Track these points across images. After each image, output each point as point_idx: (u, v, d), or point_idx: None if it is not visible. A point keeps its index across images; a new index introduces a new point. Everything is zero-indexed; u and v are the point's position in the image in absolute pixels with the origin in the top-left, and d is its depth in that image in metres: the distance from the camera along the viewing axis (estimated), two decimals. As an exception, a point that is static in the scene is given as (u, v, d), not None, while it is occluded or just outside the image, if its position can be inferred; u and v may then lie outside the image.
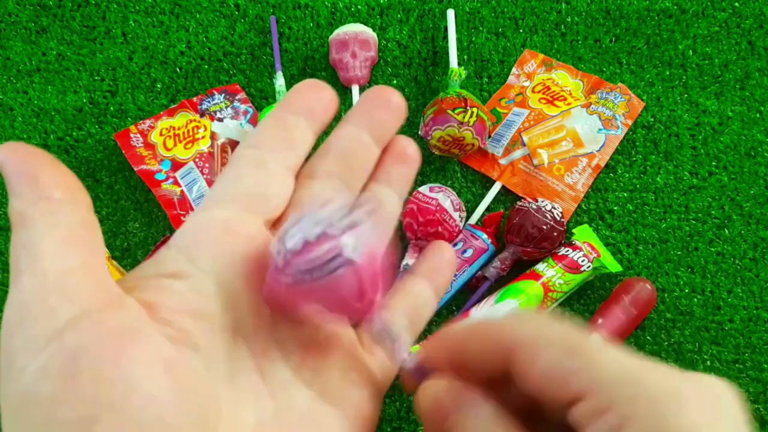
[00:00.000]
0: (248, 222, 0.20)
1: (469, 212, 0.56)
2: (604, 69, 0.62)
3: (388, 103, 0.23)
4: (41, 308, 0.15)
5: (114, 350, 0.15)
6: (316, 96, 0.22)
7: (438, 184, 0.55)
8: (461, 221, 0.54)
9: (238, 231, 0.20)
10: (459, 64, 0.60)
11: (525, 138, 0.58)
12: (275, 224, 0.21)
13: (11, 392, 0.15)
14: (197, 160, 0.57)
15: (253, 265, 0.19)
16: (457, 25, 0.62)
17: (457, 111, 0.54)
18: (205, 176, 0.57)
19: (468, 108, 0.54)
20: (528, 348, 0.18)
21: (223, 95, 0.61)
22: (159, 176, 0.56)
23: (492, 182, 0.58)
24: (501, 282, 0.53)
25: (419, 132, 0.56)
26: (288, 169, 0.22)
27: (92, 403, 0.14)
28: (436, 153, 0.57)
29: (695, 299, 0.55)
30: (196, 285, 0.18)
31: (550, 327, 0.18)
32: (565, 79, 0.61)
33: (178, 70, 0.63)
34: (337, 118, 0.23)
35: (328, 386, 0.20)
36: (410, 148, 0.25)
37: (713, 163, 0.59)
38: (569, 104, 0.59)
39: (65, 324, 0.15)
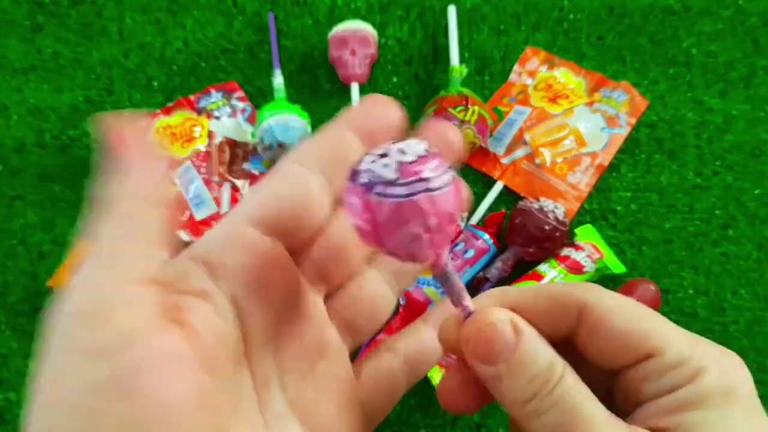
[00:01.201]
0: (275, 247, 0.20)
1: (471, 212, 0.56)
2: (608, 67, 0.61)
3: (386, 116, 0.21)
4: (99, 318, 0.15)
5: (159, 377, 0.15)
6: (381, 115, 0.21)
7: (439, 184, 0.54)
8: (462, 221, 0.53)
9: (264, 255, 0.19)
10: (460, 62, 0.59)
11: (527, 137, 0.57)
12: (302, 248, 0.21)
13: (49, 398, 0.15)
14: (194, 159, 0.57)
15: (271, 289, 0.19)
16: (458, 22, 0.62)
17: (458, 109, 0.53)
18: (202, 176, 0.56)
19: (469, 106, 0.53)
20: (600, 312, 0.19)
21: (220, 93, 0.60)
22: (155, 176, 0.56)
23: (493, 182, 0.57)
24: (503, 283, 0.52)
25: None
26: (327, 192, 0.20)
27: (129, 425, 0.15)
28: (436, 152, 0.56)
29: (699, 300, 0.54)
30: (221, 308, 0.18)
31: (616, 294, 0.19)
32: (567, 77, 0.60)
33: (174, 67, 0.62)
34: (336, 117, 0.22)
35: (320, 425, 0.20)
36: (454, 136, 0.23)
37: (718, 163, 0.58)
38: (572, 102, 0.59)
39: (120, 341, 0.15)
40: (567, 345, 0.19)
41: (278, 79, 0.58)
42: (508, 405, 0.19)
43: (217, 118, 0.59)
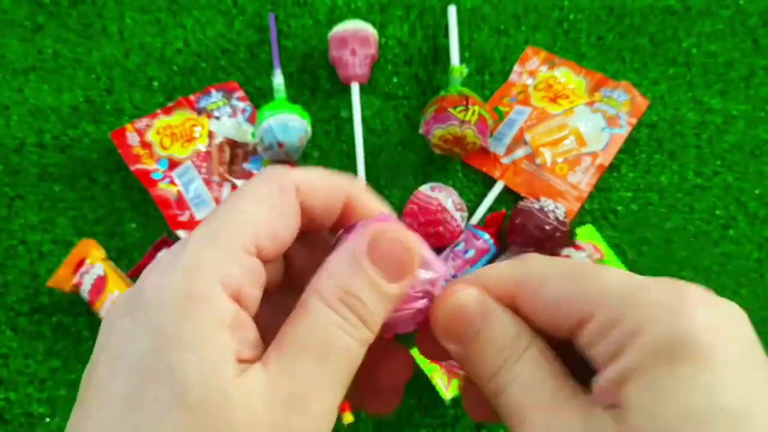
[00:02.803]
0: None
1: (471, 212, 0.56)
2: (608, 67, 0.61)
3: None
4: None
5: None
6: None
7: (439, 184, 0.54)
8: (463, 221, 0.53)
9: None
10: (460, 62, 0.59)
11: (527, 137, 0.57)
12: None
13: None
14: (194, 159, 0.57)
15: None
16: (458, 22, 0.61)
17: (458, 109, 0.53)
18: (202, 176, 0.56)
19: (469, 106, 0.53)
20: (532, 281, 0.18)
21: (220, 93, 0.60)
22: (155, 176, 0.56)
23: (494, 182, 0.57)
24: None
25: (420, 131, 0.56)
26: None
27: None
28: (437, 152, 0.56)
29: (700, 300, 0.54)
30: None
31: (551, 261, 0.19)
32: (568, 76, 0.60)
33: (175, 67, 0.62)
34: (337, 118, 0.22)
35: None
36: None
37: (718, 163, 0.58)
38: (572, 102, 0.59)
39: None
40: None
41: (278, 79, 0.58)
42: (477, 380, 0.19)
43: (217, 118, 0.59)
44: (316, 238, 0.21)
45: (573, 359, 0.18)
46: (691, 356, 0.15)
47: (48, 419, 0.50)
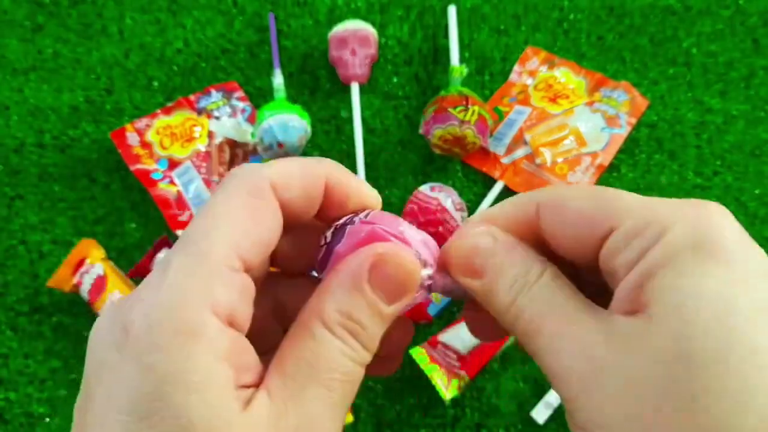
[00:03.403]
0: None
1: (471, 212, 0.56)
2: (608, 67, 0.61)
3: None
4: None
5: None
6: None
7: (439, 184, 0.54)
8: (462, 221, 0.53)
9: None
10: (460, 62, 0.59)
11: (527, 137, 0.57)
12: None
13: None
14: (194, 159, 0.57)
15: None
16: (458, 22, 0.62)
17: (458, 109, 0.53)
18: (202, 176, 0.56)
19: (469, 106, 0.53)
20: (554, 201, 0.19)
21: (220, 93, 0.60)
22: (155, 176, 0.56)
23: (494, 182, 0.57)
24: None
25: (420, 131, 0.56)
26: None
27: None
28: (437, 152, 0.56)
29: (700, 300, 0.54)
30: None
31: (570, 185, 0.20)
32: (567, 76, 0.60)
33: (174, 67, 0.62)
34: (337, 118, 0.22)
35: None
36: None
37: (718, 163, 0.58)
38: (572, 102, 0.59)
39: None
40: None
41: (278, 79, 0.58)
42: (496, 314, 0.19)
43: (217, 118, 0.59)
44: (299, 223, 0.21)
45: (590, 289, 0.19)
46: (717, 251, 0.15)
47: (48, 419, 0.50)
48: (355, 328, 0.18)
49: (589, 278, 0.19)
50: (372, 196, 0.21)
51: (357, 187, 0.21)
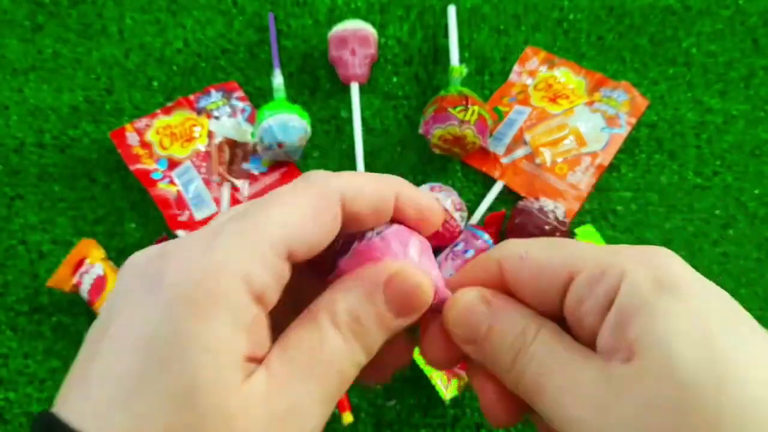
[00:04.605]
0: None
1: (471, 212, 0.56)
2: (608, 67, 0.61)
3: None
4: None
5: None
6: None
7: (439, 184, 0.54)
8: (462, 221, 0.53)
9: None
10: (460, 62, 0.59)
11: (527, 136, 0.57)
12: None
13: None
14: (194, 159, 0.57)
15: None
16: (458, 22, 0.62)
17: (458, 109, 0.53)
18: (202, 175, 0.56)
19: (469, 106, 0.53)
20: (513, 257, 0.20)
21: (220, 93, 0.60)
22: (155, 175, 0.56)
23: (493, 182, 0.57)
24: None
25: (420, 131, 0.56)
26: None
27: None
28: (436, 152, 0.56)
29: (700, 300, 0.54)
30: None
31: (526, 239, 0.20)
32: (567, 76, 0.60)
33: (174, 67, 0.62)
34: (337, 118, 0.22)
35: None
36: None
37: (717, 163, 0.58)
38: (572, 102, 0.59)
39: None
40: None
41: (278, 79, 0.58)
42: (499, 376, 0.20)
43: (217, 118, 0.59)
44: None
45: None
46: (679, 292, 0.17)
47: (48, 419, 0.50)
48: (360, 331, 0.18)
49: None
50: (439, 213, 0.22)
51: (428, 204, 0.22)
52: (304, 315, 0.19)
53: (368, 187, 0.20)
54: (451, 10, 0.61)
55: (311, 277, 0.21)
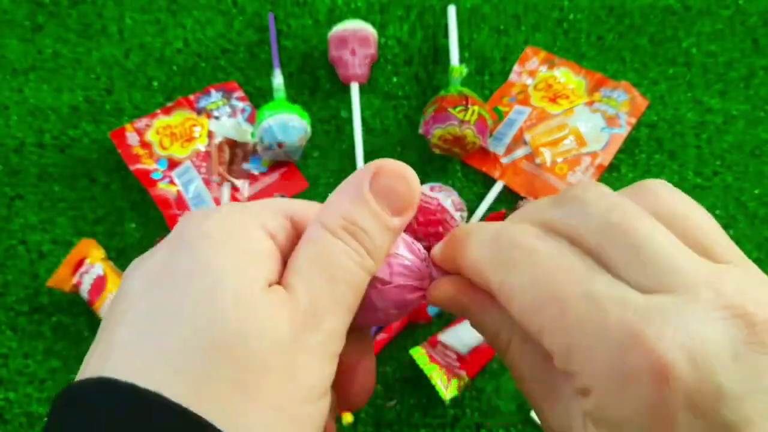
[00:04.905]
0: None
1: (471, 212, 0.56)
2: (608, 67, 0.61)
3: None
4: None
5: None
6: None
7: (439, 184, 0.54)
8: (462, 221, 0.53)
9: None
10: (460, 62, 0.59)
11: (527, 137, 0.57)
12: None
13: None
14: (194, 159, 0.57)
15: None
16: (458, 22, 0.62)
17: (458, 109, 0.53)
18: (202, 175, 0.56)
19: (469, 106, 0.53)
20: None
21: (220, 93, 0.60)
22: (155, 175, 0.56)
23: (494, 182, 0.57)
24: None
25: (420, 131, 0.56)
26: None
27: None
28: (436, 152, 0.56)
29: (700, 300, 0.54)
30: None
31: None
32: (567, 76, 0.60)
33: (174, 67, 0.62)
34: (337, 118, 0.22)
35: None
36: None
37: (717, 163, 0.58)
38: (572, 102, 0.59)
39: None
40: None
41: (278, 79, 0.58)
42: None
43: (217, 118, 0.59)
44: None
45: None
46: None
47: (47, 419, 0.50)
48: (357, 232, 0.19)
49: None
50: None
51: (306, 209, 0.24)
52: (302, 238, 0.19)
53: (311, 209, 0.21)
54: (451, 10, 0.61)
55: None
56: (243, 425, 0.15)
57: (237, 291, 0.17)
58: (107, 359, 0.16)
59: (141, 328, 0.17)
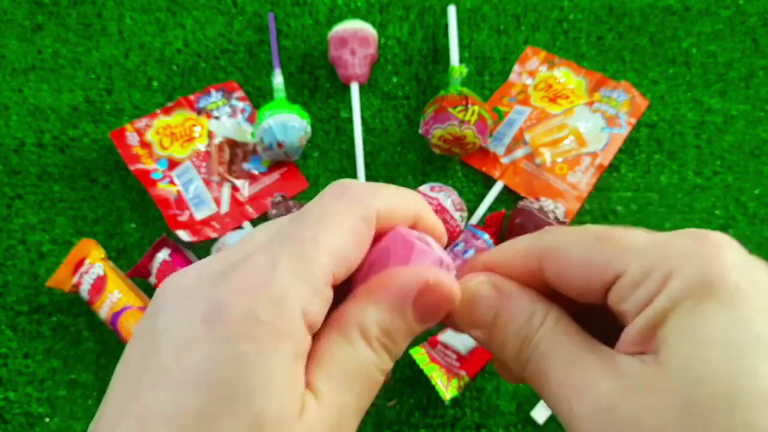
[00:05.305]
0: None
1: (471, 212, 0.56)
2: (608, 67, 0.61)
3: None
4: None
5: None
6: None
7: (439, 184, 0.54)
8: (462, 221, 0.53)
9: None
10: (460, 62, 0.59)
11: (527, 137, 0.57)
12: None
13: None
14: (194, 159, 0.57)
15: None
16: (458, 22, 0.62)
17: (457, 109, 0.53)
18: (201, 175, 0.56)
19: (469, 106, 0.53)
20: (557, 249, 0.19)
21: (220, 93, 0.60)
22: (155, 175, 0.56)
23: (493, 182, 0.57)
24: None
25: (419, 130, 0.56)
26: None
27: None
28: (436, 152, 0.56)
29: (700, 300, 0.54)
30: None
31: (572, 229, 0.19)
32: (567, 76, 0.60)
33: (174, 67, 0.62)
34: (337, 118, 0.22)
35: None
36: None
37: (717, 163, 0.58)
38: (572, 102, 0.59)
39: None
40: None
41: (278, 79, 0.58)
42: (506, 362, 0.20)
43: (217, 118, 0.59)
44: None
45: (595, 326, 0.19)
46: (722, 293, 0.15)
47: (47, 419, 0.50)
48: (391, 346, 0.19)
49: (597, 314, 0.19)
50: (443, 234, 0.23)
51: (441, 232, 0.22)
52: (333, 327, 0.18)
53: (400, 207, 0.20)
54: (451, 10, 0.61)
55: None
56: None
57: (274, 416, 0.15)
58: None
59: (168, 419, 0.15)
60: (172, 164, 0.56)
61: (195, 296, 0.16)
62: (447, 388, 0.46)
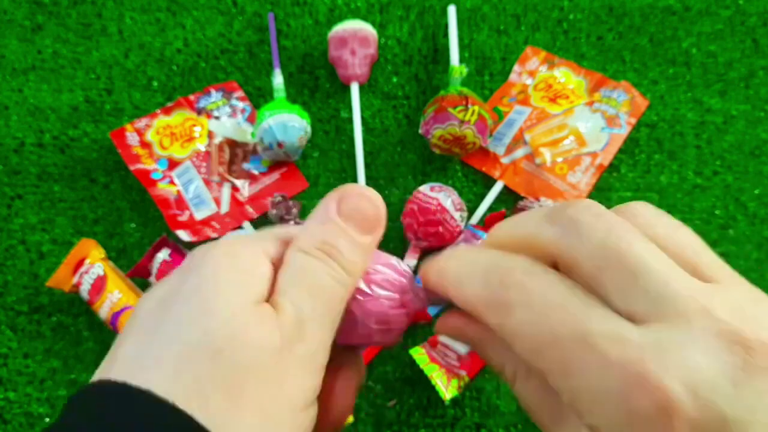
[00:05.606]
0: None
1: (471, 212, 0.56)
2: (608, 67, 0.61)
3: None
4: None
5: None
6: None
7: (439, 184, 0.54)
8: (462, 221, 0.53)
9: None
10: (460, 62, 0.59)
11: (527, 137, 0.57)
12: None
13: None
14: (194, 159, 0.57)
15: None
16: (458, 22, 0.62)
17: (457, 109, 0.53)
18: (201, 176, 0.56)
19: (469, 106, 0.53)
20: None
21: (220, 93, 0.60)
22: (155, 175, 0.56)
23: (494, 182, 0.57)
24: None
25: (420, 130, 0.56)
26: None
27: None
28: (436, 152, 0.56)
29: (700, 300, 0.54)
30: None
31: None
32: (567, 76, 0.60)
33: (174, 67, 0.62)
34: (337, 118, 0.22)
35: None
36: None
37: (717, 163, 0.58)
38: (572, 102, 0.59)
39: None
40: None
41: (278, 79, 0.58)
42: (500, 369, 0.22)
43: (217, 118, 0.59)
44: None
45: None
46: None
47: (47, 419, 0.50)
48: (331, 250, 0.20)
49: None
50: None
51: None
52: (282, 263, 0.21)
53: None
54: (451, 10, 0.61)
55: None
56: (228, 426, 0.16)
57: (232, 305, 0.18)
58: (111, 367, 0.18)
59: (145, 339, 0.18)
60: (172, 164, 0.56)
61: (175, 269, 0.21)
62: (447, 388, 0.46)
